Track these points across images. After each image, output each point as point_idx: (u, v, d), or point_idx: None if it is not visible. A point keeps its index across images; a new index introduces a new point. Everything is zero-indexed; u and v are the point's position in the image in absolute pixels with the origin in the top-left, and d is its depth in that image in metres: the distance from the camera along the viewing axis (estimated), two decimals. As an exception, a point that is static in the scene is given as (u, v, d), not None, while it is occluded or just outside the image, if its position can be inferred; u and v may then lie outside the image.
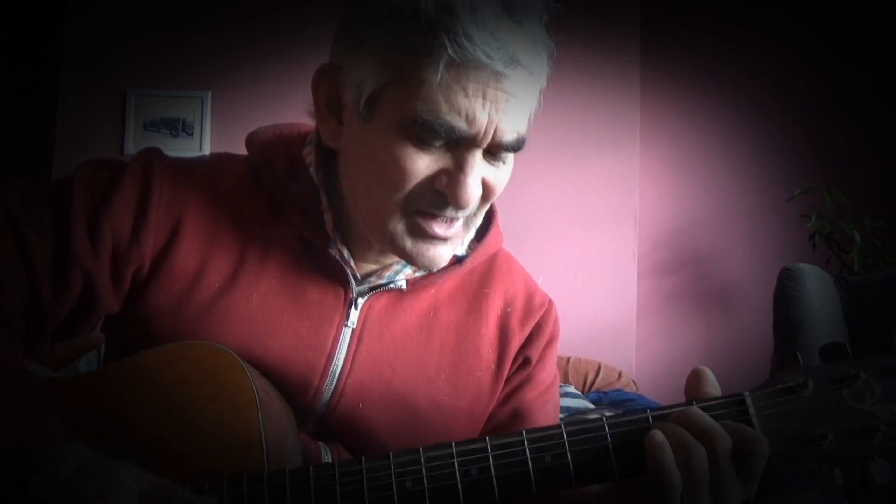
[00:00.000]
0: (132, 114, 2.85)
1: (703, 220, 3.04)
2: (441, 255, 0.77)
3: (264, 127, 0.88)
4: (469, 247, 0.89)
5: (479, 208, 0.78)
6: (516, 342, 0.89)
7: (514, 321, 0.89)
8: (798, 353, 0.67)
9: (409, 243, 0.75)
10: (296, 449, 0.74)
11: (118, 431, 0.69)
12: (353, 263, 0.82)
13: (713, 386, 0.67)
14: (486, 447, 0.65)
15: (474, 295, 0.89)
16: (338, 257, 0.81)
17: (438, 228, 0.75)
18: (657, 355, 2.93)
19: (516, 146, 0.75)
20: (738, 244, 3.00)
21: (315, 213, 0.81)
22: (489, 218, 0.92)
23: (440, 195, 0.72)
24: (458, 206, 0.72)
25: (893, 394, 0.64)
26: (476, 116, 0.69)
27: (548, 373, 0.92)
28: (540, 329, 0.91)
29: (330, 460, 0.78)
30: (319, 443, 0.80)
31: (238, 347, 0.74)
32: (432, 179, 0.72)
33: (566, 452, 0.64)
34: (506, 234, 0.94)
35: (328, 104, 0.78)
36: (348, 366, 0.80)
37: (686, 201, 3.06)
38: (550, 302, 0.94)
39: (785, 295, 1.91)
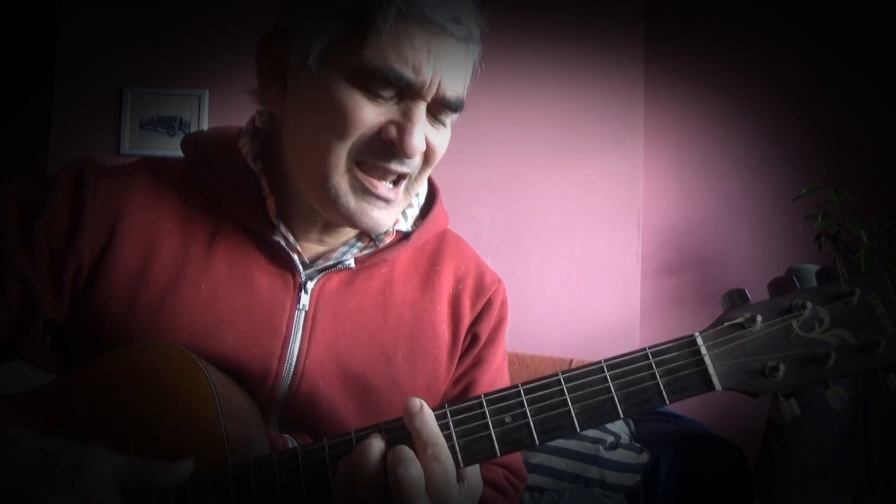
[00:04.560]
0: (128, 112, 2.83)
1: (707, 219, 3.00)
2: (384, 217, 0.79)
3: (199, 131, 0.91)
4: (414, 224, 0.91)
5: (420, 172, 0.80)
6: (467, 319, 0.90)
7: (466, 298, 0.90)
8: (746, 290, 0.67)
9: (352, 202, 0.76)
10: (262, 441, 0.73)
11: (77, 438, 0.66)
12: (298, 248, 0.83)
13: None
14: (446, 413, 0.65)
15: (426, 272, 0.90)
16: (283, 243, 0.81)
17: (382, 189, 0.77)
18: (661, 357, 2.90)
19: (457, 105, 0.78)
20: (743, 244, 2.97)
21: (257, 201, 0.82)
22: (432, 197, 0.95)
23: (386, 146, 0.75)
24: (406, 153, 0.74)
25: (842, 320, 0.64)
26: (422, 67, 0.73)
27: (498, 355, 0.94)
28: (490, 306, 0.92)
29: None
30: (285, 435, 0.80)
31: (193, 339, 0.74)
32: (379, 130, 0.75)
33: (525, 412, 0.65)
34: (507, 234, 0.94)
35: (273, 70, 0.80)
36: (305, 347, 0.80)
37: (690, 201, 3.03)
38: (500, 281, 0.96)
39: (791, 296, 1.88)
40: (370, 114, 0.74)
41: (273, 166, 0.83)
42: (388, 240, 0.87)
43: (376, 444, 0.63)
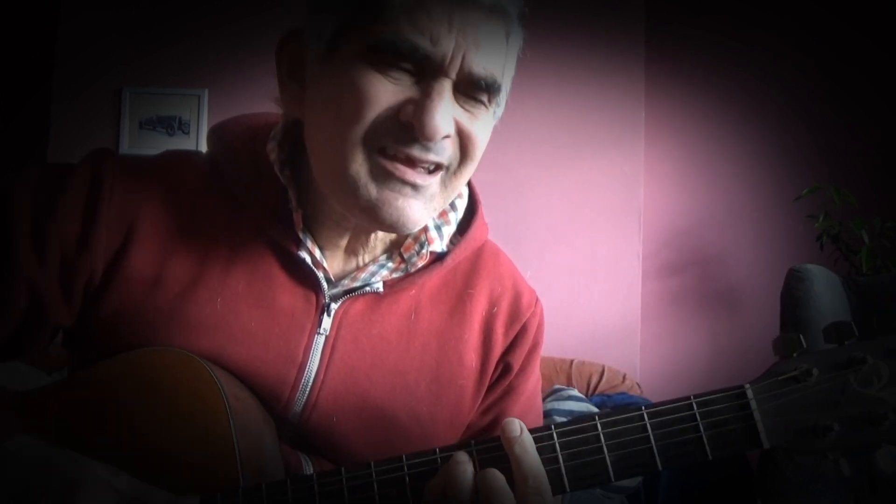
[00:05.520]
0: (127, 112, 2.82)
1: (708, 219, 3.00)
2: (412, 207, 0.69)
3: (231, 119, 0.83)
4: (451, 241, 0.84)
5: (460, 166, 0.72)
6: (499, 347, 0.84)
7: (499, 324, 0.84)
8: (801, 336, 0.62)
9: (373, 191, 0.68)
10: (275, 456, 0.70)
11: (84, 444, 0.65)
12: (325, 265, 0.77)
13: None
14: (472, 451, 0.61)
15: (458, 296, 0.83)
16: (308, 260, 0.76)
17: (409, 173, 0.68)
18: (662, 358, 2.89)
19: (489, 86, 0.70)
20: (744, 244, 2.96)
21: (283, 213, 0.76)
22: (472, 209, 0.88)
23: (405, 128, 0.67)
24: (425, 134, 0.66)
25: None
26: (441, 38, 0.65)
27: (531, 382, 0.88)
28: (525, 333, 0.86)
29: (311, 472, 0.73)
30: (300, 454, 0.76)
31: (202, 356, 0.70)
32: (397, 111, 0.67)
33: (557, 457, 0.61)
34: (507, 234, 0.89)
35: (290, 71, 0.75)
36: (321, 377, 0.75)
37: (691, 201, 3.02)
38: (538, 302, 0.89)
39: (792, 296, 1.87)
40: (386, 93, 0.66)
41: (300, 174, 0.78)
42: (420, 263, 0.80)
43: (468, 468, 0.59)
